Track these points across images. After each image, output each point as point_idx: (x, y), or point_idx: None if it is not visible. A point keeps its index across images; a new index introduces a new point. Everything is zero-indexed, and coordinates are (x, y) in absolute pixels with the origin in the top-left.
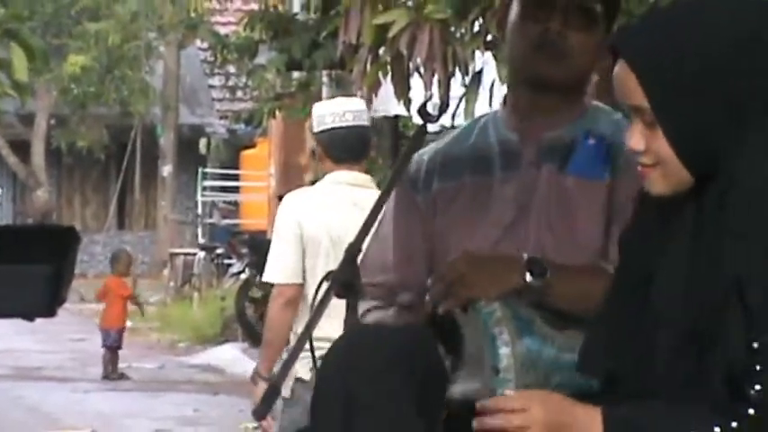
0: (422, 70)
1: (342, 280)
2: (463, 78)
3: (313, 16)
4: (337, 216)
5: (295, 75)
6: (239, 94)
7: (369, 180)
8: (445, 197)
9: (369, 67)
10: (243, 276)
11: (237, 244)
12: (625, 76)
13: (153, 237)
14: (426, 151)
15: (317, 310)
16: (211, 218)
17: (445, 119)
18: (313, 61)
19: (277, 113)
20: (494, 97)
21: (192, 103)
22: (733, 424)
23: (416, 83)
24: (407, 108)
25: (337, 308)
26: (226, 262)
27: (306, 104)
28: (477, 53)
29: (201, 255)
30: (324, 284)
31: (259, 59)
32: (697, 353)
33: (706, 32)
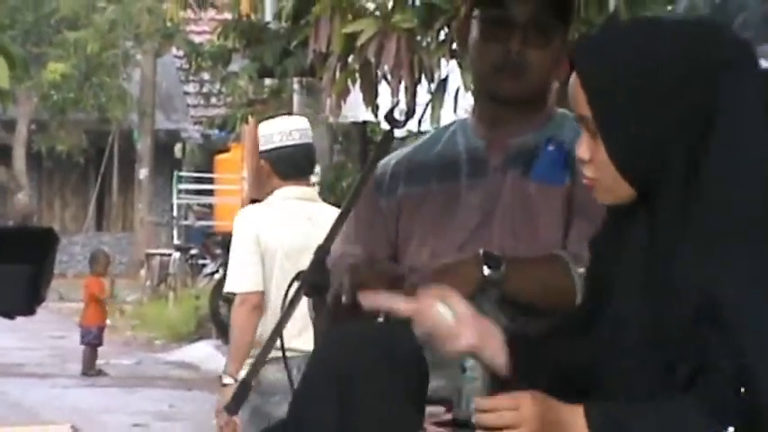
0: (389, 77)
1: (311, 280)
2: (429, 85)
3: (284, 25)
4: (291, 230)
5: (267, 82)
6: (213, 100)
7: (315, 194)
8: (411, 202)
9: (338, 74)
10: (216, 276)
11: (211, 245)
12: (575, 85)
13: (130, 238)
14: (393, 156)
15: (287, 310)
16: (186, 220)
17: (412, 124)
18: (284, 69)
19: (250, 119)
20: (458, 103)
21: (168, 109)
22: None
23: (384, 90)
24: (375, 114)
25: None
26: (200, 262)
27: (277, 110)
28: (443, 61)
29: (177, 255)
30: (294, 285)
31: (232, 67)
32: (663, 360)
33: (649, 53)
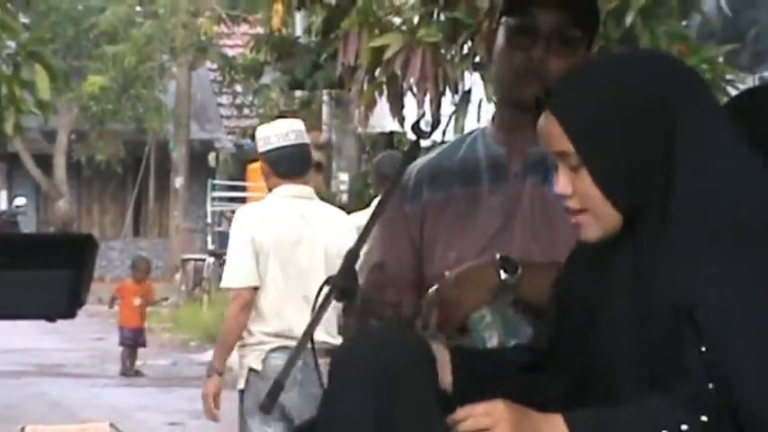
0: (415, 89)
1: (340, 285)
2: (453, 97)
3: (314, 39)
4: (285, 227)
5: (297, 93)
6: (246, 111)
7: (312, 192)
8: (435, 207)
9: (366, 86)
10: None
11: None
12: (549, 125)
13: (166, 244)
14: (416, 164)
15: (317, 313)
16: (220, 226)
17: (437, 134)
18: (314, 81)
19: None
20: (481, 114)
21: (202, 119)
22: (703, 418)
23: (410, 101)
24: (401, 124)
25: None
26: None
27: (307, 121)
28: (466, 74)
29: (211, 260)
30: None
31: (264, 79)
32: (649, 369)
33: (625, 85)
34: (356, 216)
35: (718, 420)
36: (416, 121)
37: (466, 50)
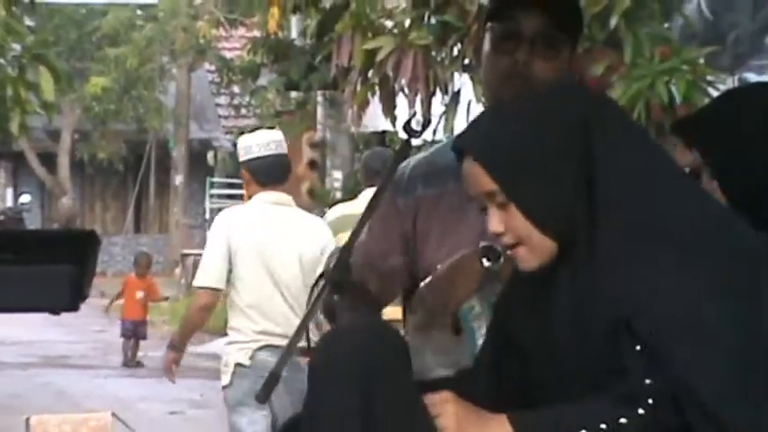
0: (406, 90)
1: (334, 279)
2: (443, 97)
3: (309, 42)
4: (262, 232)
5: (293, 94)
6: (243, 111)
7: (290, 200)
8: (429, 201)
9: (359, 87)
10: None
11: None
12: (472, 168)
13: (166, 239)
14: (411, 160)
15: (312, 306)
16: None
17: (427, 134)
18: (309, 82)
19: (277, 129)
20: (470, 114)
21: (201, 119)
22: (640, 411)
23: (401, 102)
24: (393, 124)
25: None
26: None
27: (303, 121)
28: (456, 75)
29: None
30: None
31: (261, 81)
32: (591, 383)
33: (535, 118)
34: (341, 206)
35: (654, 413)
36: (407, 121)
37: (455, 53)
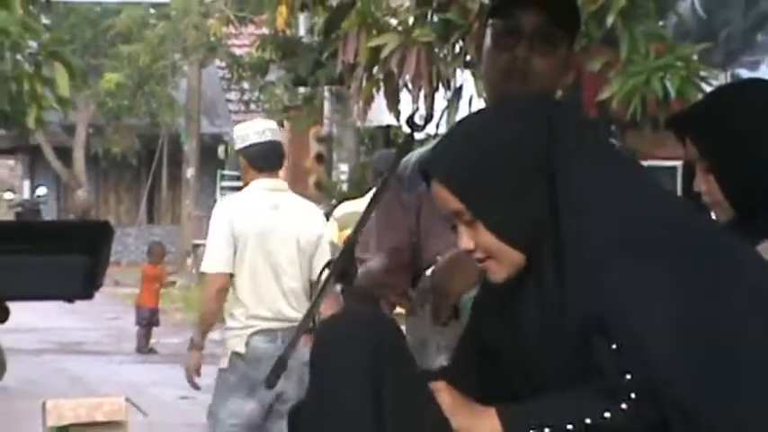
0: (410, 86)
1: (340, 268)
2: (446, 93)
3: (316, 39)
4: (260, 217)
5: (301, 90)
6: (253, 106)
7: (286, 185)
8: (431, 198)
9: (364, 83)
10: None
11: None
12: (439, 190)
13: (178, 230)
14: (413, 155)
15: (319, 293)
16: None
17: (430, 128)
18: (316, 78)
19: (285, 123)
20: (472, 109)
21: (212, 114)
22: (623, 405)
23: (405, 97)
24: (397, 119)
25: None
26: None
27: (310, 116)
28: (458, 71)
29: None
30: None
31: (270, 77)
32: (564, 382)
33: (493, 135)
34: (348, 203)
35: (637, 408)
36: (411, 116)
37: (458, 50)
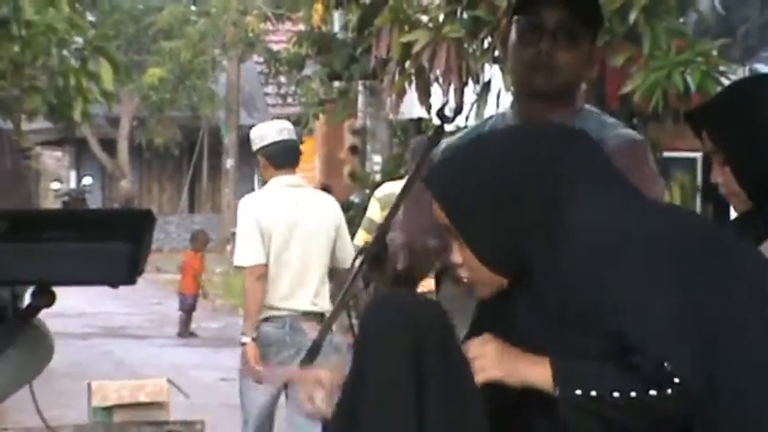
0: (440, 80)
1: (372, 254)
2: (475, 87)
3: (350, 35)
4: (282, 212)
5: (336, 84)
6: (289, 100)
7: (303, 181)
8: None
9: (397, 77)
10: None
11: None
12: (434, 202)
13: (218, 218)
14: (442, 144)
15: (352, 280)
16: None
17: (460, 120)
18: (351, 73)
19: (321, 116)
20: (500, 102)
21: (250, 107)
22: (668, 391)
23: (436, 91)
24: (428, 111)
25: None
26: None
27: (345, 109)
28: (487, 66)
29: None
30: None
31: (306, 71)
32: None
33: (487, 164)
34: (389, 184)
35: (682, 394)
36: (441, 109)
37: (486, 45)
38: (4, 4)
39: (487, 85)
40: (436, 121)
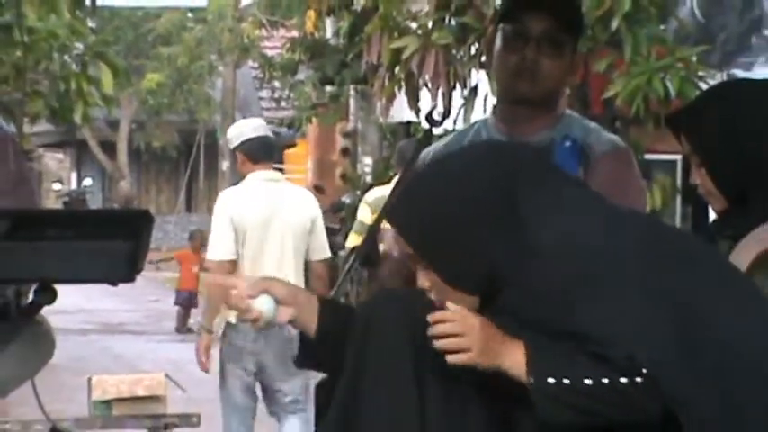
0: (429, 85)
1: (363, 253)
2: (462, 92)
3: (342, 42)
4: (258, 206)
5: (328, 88)
6: (283, 104)
7: (281, 176)
8: None
9: (387, 82)
10: None
11: None
12: (397, 234)
13: None
14: (430, 148)
15: (344, 275)
16: None
17: (447, 124)
18: (342, 78)
19: (313, 119)
20: (487, 107)
21: (246, 111)
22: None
23: (425, 95)
24: (417, 115)
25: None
26: None
27: (336, 112)
28: (474, 71)
29: None
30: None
31: (299, 76)
32: None
33: (443, 187)
34: (378, 189)
35: (651, 386)
36: (430, 113)
37: (473, 51)
38: (7, 10)
39: (475, 90)
40: (425, 125)
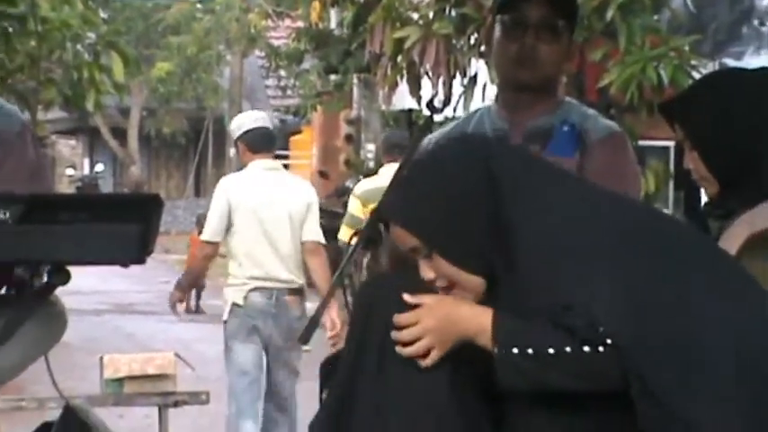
0: (430, 74)
1: (366, 235)
2: (462, 80)
3: (346, 32)
4: (256, 193)
5: (332, 77)
6: (289, 92)
7: (279, 165)
8: None
9: (389, 71)
10: None
11: None
12: (397, 231)
13: None
14: (433, 135)
15: (347, 258)
16: None
17: (448, 111)
18: (346, 67)
19: (318, 107)
20: (486, 94)
21: (252, 99)
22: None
23: (426, 83)
24: (419, 103)
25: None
26: None
27: (341, 100)
28: (473, 60)
29: None
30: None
31: (304, 65)
32: None
33: (444, 174)
34: (365, 181)
35: (614, 354)
36: (431, 100)
37: (473, 41)
38: (21, 1)
39: (474, 79)
40: (426, 112)
